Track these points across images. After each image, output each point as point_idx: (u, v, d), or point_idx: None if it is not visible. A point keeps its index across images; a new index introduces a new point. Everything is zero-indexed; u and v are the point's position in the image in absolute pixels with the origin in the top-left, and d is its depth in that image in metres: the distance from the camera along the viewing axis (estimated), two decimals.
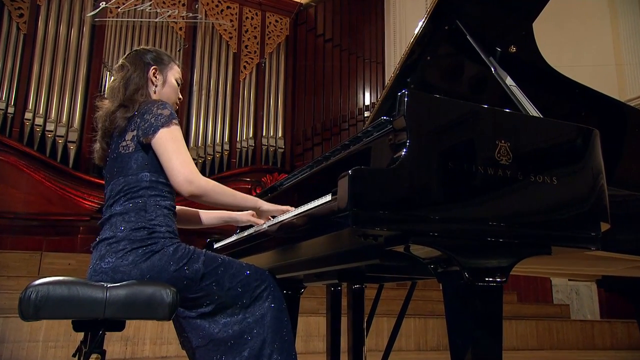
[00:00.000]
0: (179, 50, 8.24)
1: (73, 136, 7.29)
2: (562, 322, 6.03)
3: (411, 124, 1.27)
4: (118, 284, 1.37)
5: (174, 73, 1.84)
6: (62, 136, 7.22)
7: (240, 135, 8.46)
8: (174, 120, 1.61)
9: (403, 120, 1.28)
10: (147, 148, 1.61)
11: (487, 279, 1.28)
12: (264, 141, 8.51)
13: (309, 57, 8.85)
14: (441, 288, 1.33)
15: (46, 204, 6.94)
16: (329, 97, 8.57)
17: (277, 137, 8.57)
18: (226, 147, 8.33)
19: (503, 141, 1.36)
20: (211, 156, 8.21)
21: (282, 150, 8.57)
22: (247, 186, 8.24)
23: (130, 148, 1.63)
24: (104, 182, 1.73)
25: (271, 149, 8.49)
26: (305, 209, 1.43)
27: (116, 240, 1.52)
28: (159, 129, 1.58)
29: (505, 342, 1.32)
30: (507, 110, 1.46)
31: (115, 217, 1.58)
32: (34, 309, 1.21)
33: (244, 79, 8.66)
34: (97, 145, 1.76)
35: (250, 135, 8.48)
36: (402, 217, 1.21)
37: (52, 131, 7.18)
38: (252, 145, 8.47)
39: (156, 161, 1.60)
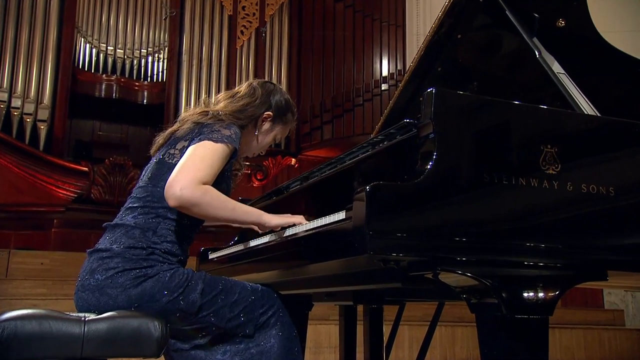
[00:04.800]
0: (165, 19, 8.18)
1: (43, 114, 7.30)
2: (615, 330, 6.02)
3: (439, 130, 1.26)
4: (98, 317, 1.38)
5: (280, 132, 1.96)
6: (30, 114, 7.23)
7: None
8: (228, 143, 1.65)
9: (430, 125, 1.26)
10: None
11: (529, 311, 1.27)
12: None
13: (317, 20, 8.73)
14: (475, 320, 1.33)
15: (14, 192, 6.99)
16: (341, 67, 8.47)
17: None
18: None
19: (549, 146, 1.34)
20: None
21: None
22: (246, 171, 8.22)
23: (175, 159, 1.66)
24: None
25: None
26: (314, 226, 1.43)
27: (110, 256, 1.56)
28: (205, 139, 1.62)
29: None
30: (554, 109, 1.43)
31: (121, 228, 1.62)
32: (0, 349, 1.22)
33: (241, 46, 8.58)
34: (164, 134, 1.82)
35: None
36: (429, 241, 1.20)
37: (18, 108, 7.19)
38: None
39: None
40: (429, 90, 1.27)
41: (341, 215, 1.32)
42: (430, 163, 1.22)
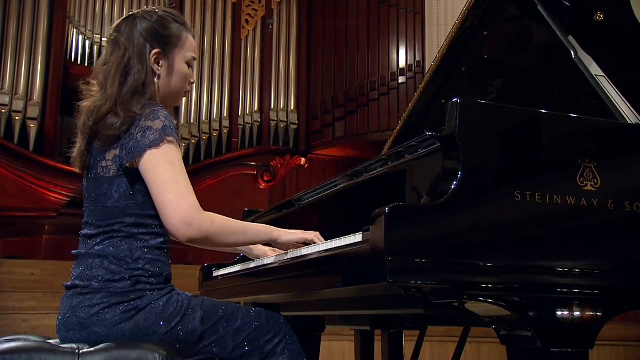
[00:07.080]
0: None
1: (33, 112, 7.35)
2: None
3: (464, 145, 1.24)
4: (93, 349, 1.37)
5: (185, 53, 1.70)
6: (19, 111, 7.29)
7: (243, 109, 8.46)
8: (167, 138, 1.54)
9: (454, 139, 1.25)
10: (133, 173, 1.57)
11: (567, 344, 1.26)
12: (273, 115, 8.50)
13: (328, 8, 8.76)
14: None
15: (1, 196, 7.05)
16: (354, 58, 8.47)
17: (289, 110, 8.56)
18: (225, 123, 8.34)
19: (587, 160, 1.33)
20: (207, 135, 8.23)
21: (295, 126, 8.56)
22: (252, 172, 8.27)
23: (111, 171, 1.58)
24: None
25: (281, 125, 8.48)
26: (327, 249, 1.42)
27: (91, 292, 1.52)
28: (145, 150, 1.53)
29: None
30: (592, 118, 1.42)
31: (93, 259, 1.56)
32: None
33: (246, 36, 8.61)
34: (76, 149, 1.67)
35: (256, 109, 8.47)
36: (454, 267, 1.20)
37: (6, 105, 7.25)
38: (257, 121, 8.46)
39: (145, 190, 1.57)
40: (453, 100, 1.26)
41: (357, 237, 1.31)
42: (455, 182, 1.21)
